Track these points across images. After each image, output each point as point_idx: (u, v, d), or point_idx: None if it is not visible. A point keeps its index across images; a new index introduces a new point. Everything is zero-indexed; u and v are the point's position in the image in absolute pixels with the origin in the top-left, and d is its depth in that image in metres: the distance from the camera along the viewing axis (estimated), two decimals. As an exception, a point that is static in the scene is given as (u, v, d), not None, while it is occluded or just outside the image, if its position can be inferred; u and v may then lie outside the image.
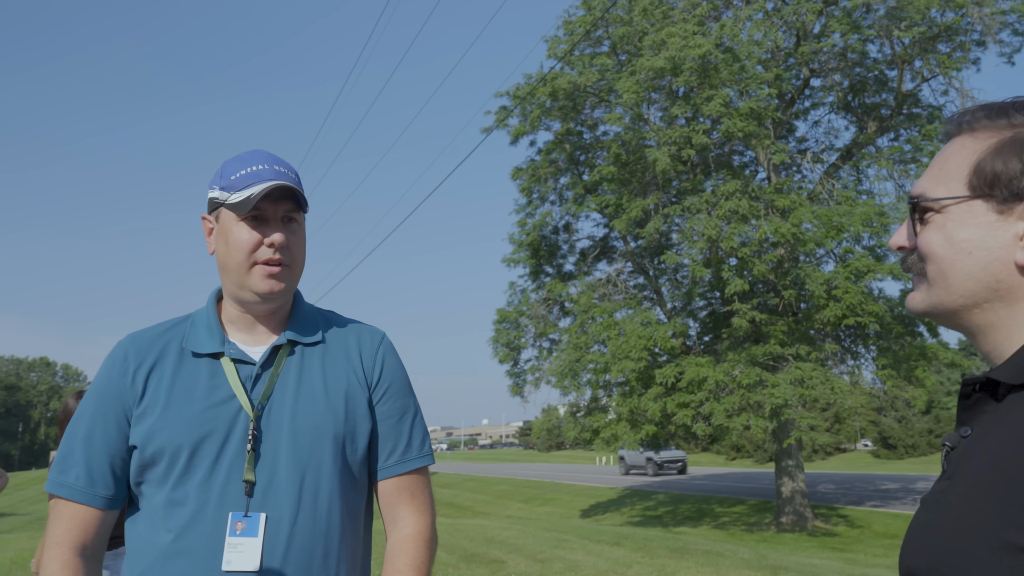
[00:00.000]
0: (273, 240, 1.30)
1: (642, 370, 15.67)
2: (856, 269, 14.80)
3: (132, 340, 1.34)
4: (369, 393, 1.37)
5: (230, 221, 1.32)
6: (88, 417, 1.30)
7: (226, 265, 1.32)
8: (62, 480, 1.28)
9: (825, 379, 14.46)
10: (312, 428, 1.29)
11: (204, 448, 1.25)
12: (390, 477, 1.38)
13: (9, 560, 8.77)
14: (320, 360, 1.36)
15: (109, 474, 1.28)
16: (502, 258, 18.75)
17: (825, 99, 18.78)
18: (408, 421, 1.40)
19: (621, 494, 27.57)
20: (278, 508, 1.24)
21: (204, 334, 1.34)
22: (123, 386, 1.29)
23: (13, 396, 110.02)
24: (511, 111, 17.64)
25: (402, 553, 1.32)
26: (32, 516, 24.13)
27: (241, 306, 1.36)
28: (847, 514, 17.98)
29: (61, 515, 1.27)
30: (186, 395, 1.28)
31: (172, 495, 1.24)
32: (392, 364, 1.42)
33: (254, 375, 1.31)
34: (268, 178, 1.30)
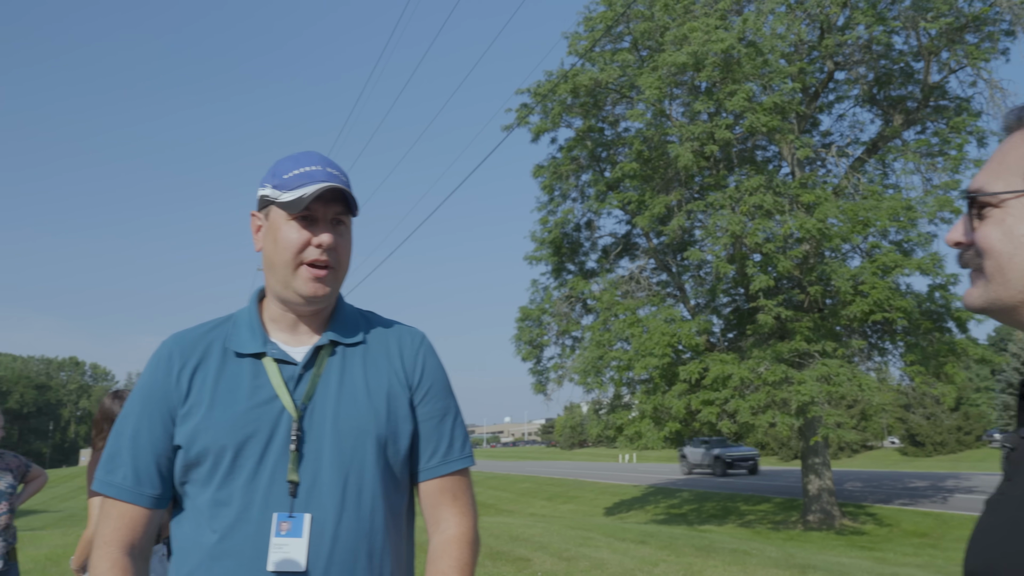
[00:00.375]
0: (321, 241, 1.30)
1: (666, 367, 15.59)
2: (883, 264, 14.61)
3: (176, 340, 1.35)
4: (410, 394, 1.37)
5: (280, 220, 1.32)
6: (134, 417, 1.31)
7: (273, 263, 1.33)
8: (109, 479, 1.29)
9: (852, 376, 14.28)
10: (355, 429, 1.29)
11: (248, 448, 1.25)
12: (432, 478, 1.37)
13: (44, 556, 8.92)
14: (361, 361, 1.36)
15: (155, 473, 1.29)
16: (524, 256, 18.75)
17: (850, 92, 18.55)
18: (449, 422, 1.40)
19: (645, 492, 27.47)
20: (322, 508, 1.24)
21: (246, 334, 1.35)
22: (168, 386, 1.30)
23: (44, 395, 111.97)
24: (532, 108, 17.61)
25: (446, 555, 1.32)
26: (64, 513, 24.54)
27: (284, 305, 1.36)
28: (875, 512, 17.77)
29: (109, 514, 1.28)
30: (230, 395, 1.28)
31: (217, 495, 1.24)
32: (433, 365, 1.42)
33: (296, 375, 1.31)
34: (320, 179, 1.30)
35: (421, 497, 1.40)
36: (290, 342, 1.36)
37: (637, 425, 16.26)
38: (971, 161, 16.10)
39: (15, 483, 3.80)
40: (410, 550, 1.40)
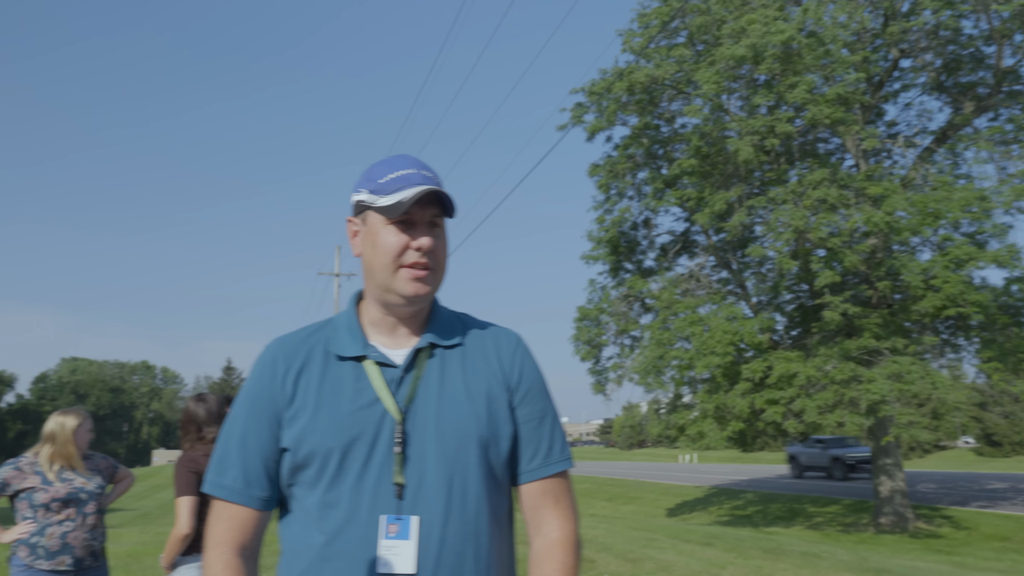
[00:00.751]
0: (420, 244, 1.31)
1: (728, 366, 15.33)
2: (956, 257, 14.06)
3: (280, 344, 1.38)
4: (509, 396, 1.37)
5: (378, 224, 1.34)
6: (242, 420, 1.33)
7: (373, 268, 1.34)
8: (220, 482, 1.32)
9: (925, 373, 13.80)
10: (457, 431, 1.30)
11: (354, 451, 1.26)
12: (533, 480, 1.37)
13: (125, 553, 9.28)
14: (460, 363, 1.37)
15: (264, 476, 1.31)
16: (581, 255, 18.67)
17: (916, 80, 17.92)
18: (548, 424, 1.39)
19: (708, 493, 27.05)
20: (429, 511, 1.25)
21: (347, 338, 1.36)
22: (274, 389, 1.32)
23: (118, 398, 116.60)
24: (587, 108, 17.53)
25: (549, 558, 1.31)
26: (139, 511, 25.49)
27: (384, 308, 1.37)
28: (951, 515, 17.12)
29: (220, 516, 1.31)
30: (334, 398, 1.30)
31: (325, 497, 1.26)
32: (530, 366, 1.41)
33: (397, 378, 1.32)
34: (417, 182, 1.32)
35: (522, 500, 1.40)
36: (389, 345, 1.37)
37: (699, 425, 16.04)
38: (1050, 147, 15.40)
39: (104, 484, 3.96)
40: (512, 554, 1.39)
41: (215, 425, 3.61)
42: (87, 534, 3.74)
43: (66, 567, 3.65)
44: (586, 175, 18.78)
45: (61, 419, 3.83)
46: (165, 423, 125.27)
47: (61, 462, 3.80)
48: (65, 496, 3.70)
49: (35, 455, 3.82)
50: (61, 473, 3.77)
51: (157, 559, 8.95)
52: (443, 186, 1.35)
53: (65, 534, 3.67)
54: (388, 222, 1.32)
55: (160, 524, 16.78)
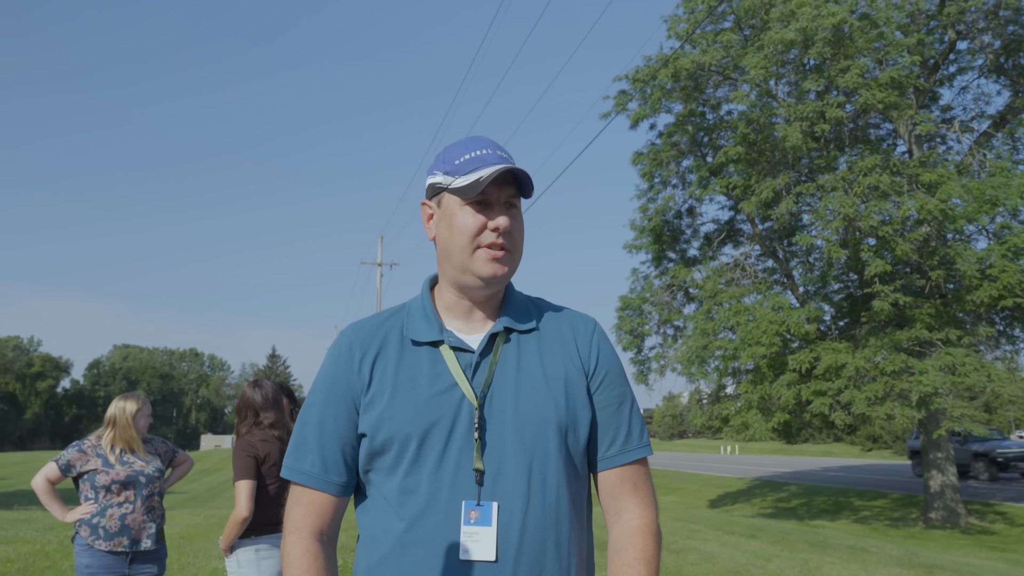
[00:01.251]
0: (498, 224, 1.29)
1: (774, 356, 15.09)
2: (1014, 246, 13.61)
3: (355, 330, 1.37)
4: (587, 381, 1.35)
5: (454, 205, 1.32)
6: (319, 406, 1.33)
7: (449, 249, 1.33)
8: (298, 467, 1.31)
9: (980, 365, 13.40)
10: (535, 417, 1.28)
11: (432, 436, 1.25)
12: (612, 468, 1.35)
13: (178, 535, 9.53)
14: (536, 347, 1.35)
15: (341, 461, 1.31)
16: (624, 244, 18.52)
17: (974, 63, 17.31)
18: (627, 410, 1.37)
19: (750, 484, 26.74)
20: (509, 497, 1.24)
21: (422, 322, 1.35)
22: (350, 375, 1.32)
23: (167, 384, 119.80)
24: (630, 95, 17.33)
25: (631, 546, 1.29)
26: (188, 495, 26.15)
27: (460, 292, 1.36)
28: (1005, 511, 16.65)
29: (299, 501, 1.31)
30: (411, 383, 1.29)
31: (404, 483, 1.25)
32: (607, 351, 1.39)
33: (474, 363, 1.31)
34: (493, 162, 1.30)
35: (600, 487, 1.38)
36: (464, 330, 1.36)
37: (744, 415, 15.83)
38: (1115, 131, 14.79)
39: (163, 467, 4.05)
40: (590, 541, 1.38)
41: (271, 411, 3.67)
42: (145, 516, 3.84)
43: (124, 548, 3.75)
44: (629, 163, 18.61)
45: (122, 404, 3.94)
46: (212, 409, 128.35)
47: (122, 445, 3.90)
48: (125, 479, 3.79)
49: (97, 438, 3.93)
50: (122, 456, 3.87)
51: (207, 541, 9.18)
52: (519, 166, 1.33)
53: (124, 516, 3.76)
54: (464, 203, 1.31)
55: (209, 507, 17.18)
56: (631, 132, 18.60)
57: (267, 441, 3.59)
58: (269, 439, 3.60)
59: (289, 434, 3.71)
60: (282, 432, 3.67)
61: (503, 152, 1.34)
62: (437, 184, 1.36)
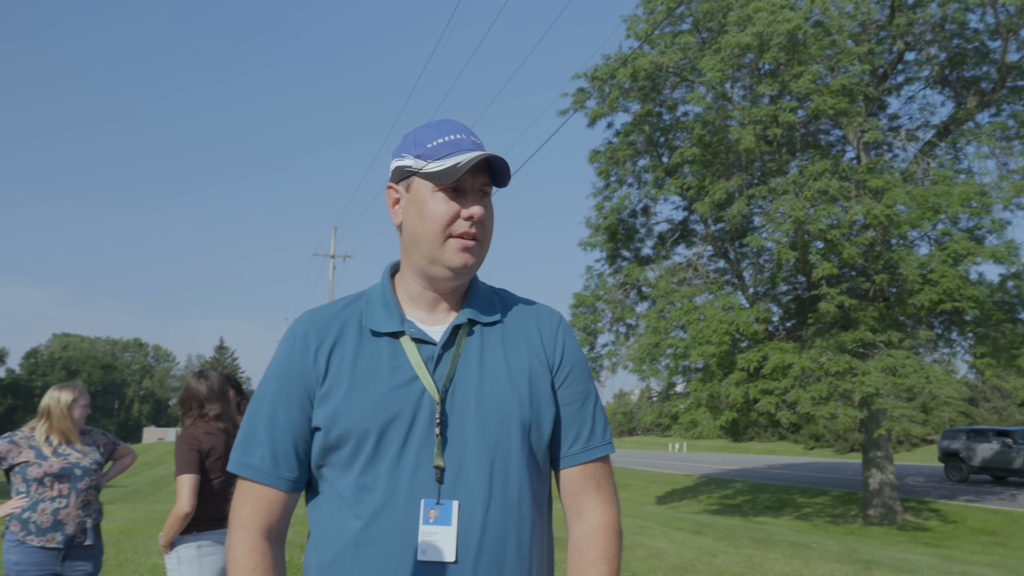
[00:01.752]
0: (472, 213, 1.24)
1: (723, 355, 15.34)
2: (954, 252, 14.07)
3: (311, 318, 1.30)
4: (551, 376, 1.31)
5: (426, 191, 1.26)
6: (271, 397, 1.26)
7: (418, 237, 1.27)
8: (247, 461, 1.25)
9: (919, 367, 13.83)
10: (498, 412, 1.23)
11: (391, 432, 1.20)
12: (575, 465, 1.31)
13: (116, 530, 9.24)
14: (500, 341, 1.30)
15: (293, 456, 1.25)
16: (579, 242, 18.61)
17: (920, 73, 17.86)
18: (591, 406, 1.34)
19: (697, 481, 27.19)
20: (470, 496, 1.19)
21: (382, 312, 1.29)
22: (305, 365, 1.25)
23: (109, 375, 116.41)
24: (589, 93, 17.41)
25: (592, 545, 1.26)
26: (129, 488, 25.48)
27: (426, 282, 1.30)
28: (939, 508, 17.24)
29: (246, 497, 1.24)
30: (369, 376, 1.23)
31: (360, 480, 1.20)
32: (572, 346, 1.35)
33: (435, 356, 1.25)
34: (468, 148, 1.25)
35: (562, 484, 1.34)
36: (426, 321, 1.31)
37: (693, 413, 16.06)
38: (1051, 145, 15.39)
39: (102, 460, 3.90)
40: (551, 540, 1.34)
41: (217, 402, 3.56)
42: (80, 511, 3.69)
43: (56, 544, 3.59)
44: (586, 161, 18.70)
45: (56, 394, 3.78)
46: (156, 401, 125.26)
47: (58, 436, 3.74)
48: (59, 471, 3.64)
49: (31, 429, 3.76)
50: (57, 448, 3.72)
51: (147, 536, 8.93)
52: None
53: (57, 510, 3.61)
54: (437, 189, 1.25)
55: (150, 501, 16.74)
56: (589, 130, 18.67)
57: (212, 434, 3.48)
58: (214, 432, 3.50)
59: (236, 427, 3.62)
60: (228, 424, 3.57)
61: (476, 138, 1.29)
62: (406, 167, 1.29)
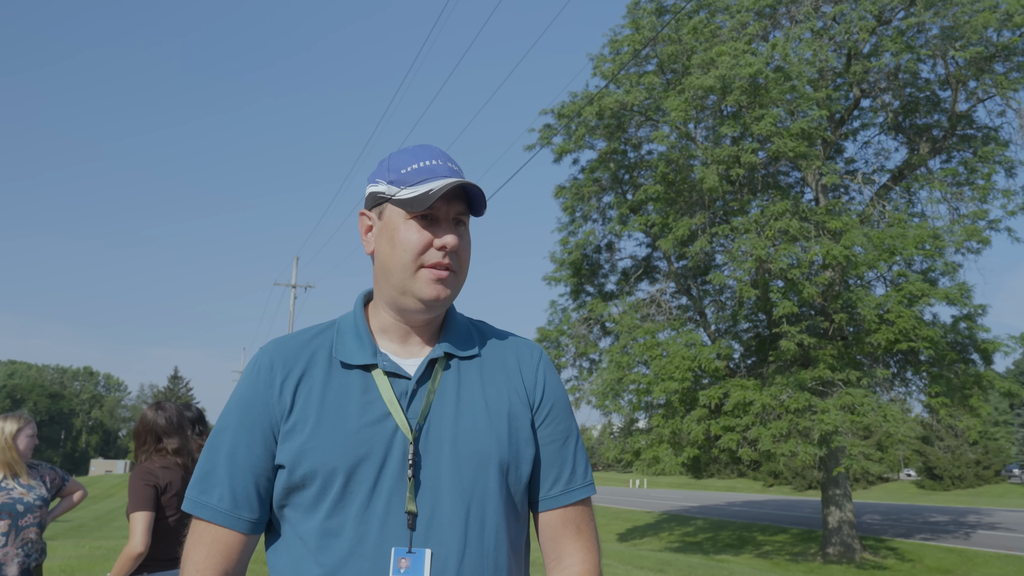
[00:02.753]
0: (445, 243, 1.18)
1: (685, 391, 15.40)
2: (909, 293, 14.41)
3: (277, 348, 1.23)
4: (532, 414, 1.25)
5: (398, 219, 1.20)
6: (231, 431, 1.18)
7: (389, 267, 1.21)
8: (203, 500, 1.16)
9: (877, 405, 14.04)
10: (475, 453, 1.17)
11: (360, 473, 1.12)
12: (555, 508, 1.24)
13: (58, 568, 8.83)
14: (478, 376, 1.24)
15: (254, 495, 1.16)
16: (543, 276, 18.65)
17: (875, 120, 18.46)
18: (572, 446, 1.27)
19: (659, 518, 27.11)
20: (443, 544, 1.12)
21: (353, 343, 1.22)
22: (270, 398, 1.17)
23: (57, 404, 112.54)
24: (555, 129, 17.61)
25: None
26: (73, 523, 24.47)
27: (397, 313, 1.24)
28: (896, 546, 17.40)
29: (201, 539, 1.16)
30: (338, 411, 1.16)
31: (326, 524, 1.12)
32: (553, 382, 1.29)
33: (409, 391, 1.18)
34: (443, 175, 1.19)
35: (540, 528, 1.27)
36: (400, 353, 1.24)
37: (655, 450, 16.04)
38: (999, 191, 15.96)
39: (47, 496, 3.70)
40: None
41: (175, 436, 3.41)
42: (20, 549, 3.49)
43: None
44: (552, 196, 18.83)
45: (1, 424, 3.60)
46: (105, 431, 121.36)
47: (2, 470, 3.55)
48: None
49: (-28, 462, 3.57)
50: (1, 482, 3.53)
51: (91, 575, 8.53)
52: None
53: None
54: (409, 217, 1.19)
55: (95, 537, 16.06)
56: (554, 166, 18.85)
57: (169, 468, 3.33)
58: (171, 466, 3.34)
59: (194, 462, 3.47)
60: (186, 459, 3.41)
61: (453, 164, 1.24)
62: (379, 194, 1.24)
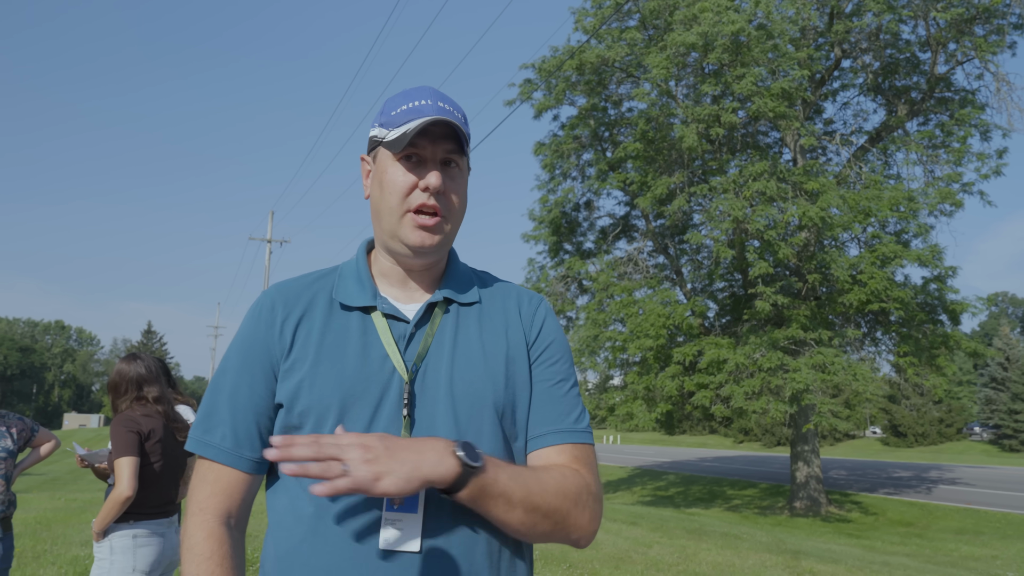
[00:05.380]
0: (428, 183, 1.16)
1: (660, 349, 15.58)
2: (882, 254, 14.60)
3: (279, 290, 1.23)
4: (529, 359, 1.24)
5: (386, 161, 1.19)
6: (233, 372, 1.18)
7: (379, 210, 1.20)
8: (207, 439, 1.16)
9: (847, 365, 14.32)
10: (471, 394, 1.16)
11: (355, 410, 1.12)
12: (544, 447, 1.20)
13: (34, 520, 8.82)
14: (477, 321, 1.24)
15: (256, 434, 1.16)
16: (522, 234, 18.63)
17: (855, 81, 18.45)
18: (566, 388, 1.25)
19: (631, 473, 27.64)
20: None
21: (354, 286, 1.23)
22: (270, 338, 1.18)
23: (28, 358, 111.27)
24: (536, 85, 17.40)
25: (559, 468, 1.15)
26: (47, 476, 24.40)
27: (393, 258, 1.24)
28: (860, 501, 17.93)
29: (205, 478, 1.16)
30: (336, 351, 1.16)
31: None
32: (552, 326, 1.28)
33: (407, 334, 1.19)
34: (429, 113, 1.16)
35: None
36: (400, 298, 1.24)
37: (629, 406, 16.28)
38: (974, 154, 16.09)
39: (14, 447, 3.64)
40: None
41: (155, 384, 3.41)
42: (-15, 501, 3.46)
43: None
44: (532, 153, 18.70)
45: None
46: (78, 386, 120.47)
47: None
48: None
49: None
50: None
51: (67, 526, 8.54)
52: (463, 121, 1.21)
53: None
54: (395, 158, 1.18)
55: (71, 490, 16.05)
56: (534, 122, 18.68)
57: (150, 416, 3.32)
58: (152, 415, 3.33)
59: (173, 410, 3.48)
60: (167, 407, 3.41)
61: (446, 104, 1.21)
62: (374, 137, 1.23)
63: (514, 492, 1.06)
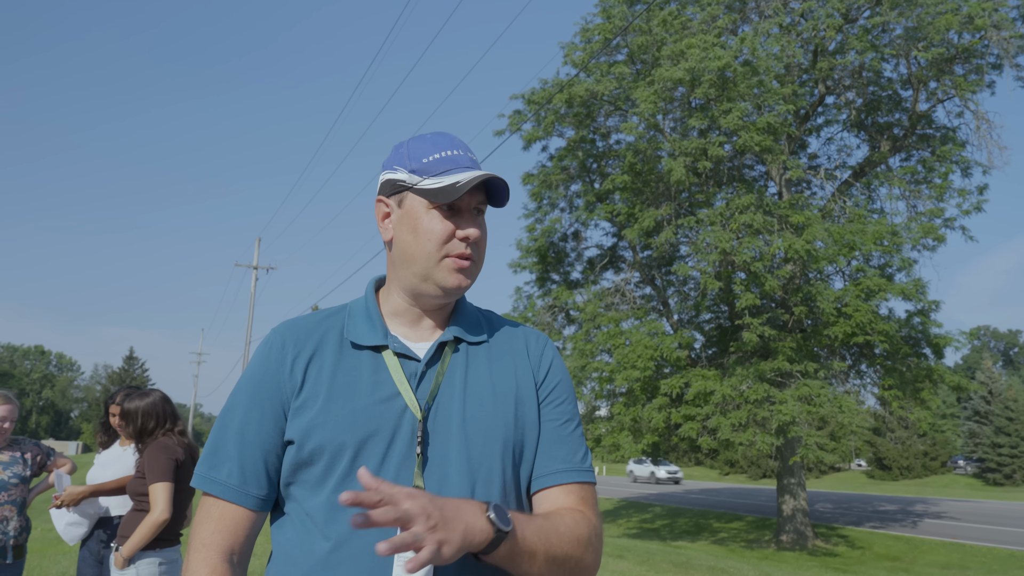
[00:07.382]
0: (468, 234, 1.21)
1: (647, 380, 15.57)
2: (866, 288, 14.73)
3: (289, 327, 1.25)
4: (537, 399, 1.27)
5: (420, 208, 1.22)
6: (242, 408, 1.19)
7: (412, 255, 1.22)
8: (213, 476, 1.17)
9: (833, 397, 14.37)
10: (482, 433, 1.19)
11: (369, 448, 1.14)
12: (551, 487, 1.22)
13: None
14: (486, 360, 1.27)
15: (263, 472, 1.17)
16: (509, 263, 18.66)
17: (839, 117, 18.76)
18: (572, 428, 1.29)
19: (617, 505, 27.44)
20: None
21: (365, 325, 1.25)
22: (281, 376, 1.19)
23: (6, 383, 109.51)
24: (525, 116, 17.57)
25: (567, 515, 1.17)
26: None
27: (412, 299, 1.26)
28: (847, 534, 17.87)
29: (209, 515, 1.16)
30: (348, 389, 1.17)
31: (333, 499, 1.12)
32: (558, 367, 1.32)
33: (419, 372, 1.20)
34: (466, 165, 1.22)
35: (538, 508, 1.25)
36: (411, 337, 1.26)
37: (615, 436, 16.22)
38: (955, 190, 16.34)
39: (27, 473, 3.60)
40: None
41: (179, 419, 3.53)
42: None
43: None
44: (520, 183, 18.81)
45: None
46: (57, 412, 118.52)
47: None
48: None
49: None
50: None
51: (44, 557, 8.35)
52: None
53: None
54: (432, 206, 1.21)
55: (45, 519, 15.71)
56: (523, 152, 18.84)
57: (180, 447, 3.42)
58: (182, 445, 3.43)
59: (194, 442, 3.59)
60: (190, 440, 3.51)
61: (472, 154, 1.26)
62: (400, 181, 1.24)
63: (538, 548, 1.09)
